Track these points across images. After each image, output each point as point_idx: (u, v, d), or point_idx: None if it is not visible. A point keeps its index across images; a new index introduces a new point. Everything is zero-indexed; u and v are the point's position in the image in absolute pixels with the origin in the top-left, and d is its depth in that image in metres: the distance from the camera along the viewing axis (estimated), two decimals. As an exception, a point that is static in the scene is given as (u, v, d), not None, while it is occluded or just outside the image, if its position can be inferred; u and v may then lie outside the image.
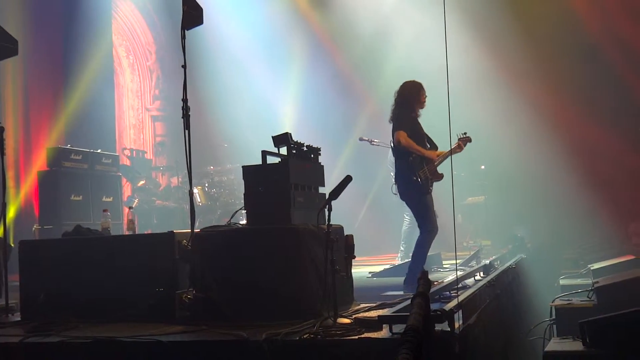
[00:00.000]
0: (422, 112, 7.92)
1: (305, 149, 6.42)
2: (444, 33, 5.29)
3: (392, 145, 8.00)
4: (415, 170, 7.51)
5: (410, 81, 7.88)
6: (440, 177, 7.72)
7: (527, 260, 10.32)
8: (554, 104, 14.47)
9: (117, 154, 12.54)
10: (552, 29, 14.60)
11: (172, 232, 6.15)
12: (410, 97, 7.76)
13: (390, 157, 10.93)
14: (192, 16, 6.29)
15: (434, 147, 7.87)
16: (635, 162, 14.26)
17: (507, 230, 12.45)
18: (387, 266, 9.81)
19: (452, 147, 7.74)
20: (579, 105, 14.39)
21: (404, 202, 9.52)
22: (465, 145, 7.96)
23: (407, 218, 10.57)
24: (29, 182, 11.82)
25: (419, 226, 7.71)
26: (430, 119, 7.90)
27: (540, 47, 14.67)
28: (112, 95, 14.81)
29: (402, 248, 10.65)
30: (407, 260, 9.09)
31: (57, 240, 7.40)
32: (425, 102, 7.83)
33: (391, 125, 7.81)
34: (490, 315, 6.13)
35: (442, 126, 5.56)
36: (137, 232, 8.37)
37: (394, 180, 10.69)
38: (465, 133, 8.00)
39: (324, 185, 6.68)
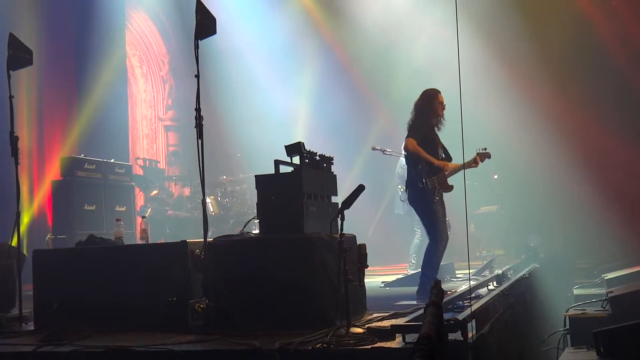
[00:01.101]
0: (444, 120, 7.87)
1: (317, 158, 6.42)
2: (457, 42, 5.29)
3: (404, 153, 8.00)
4: (423, 177, 7.51)
5: (428, 89, 7.89)
6: (449, 188, 7.69)
7: (541, 270, 10.27)
8: (567, 113, 14.44)
9: (130, 164, 12.57)
10: (565, 37, 14.58)
11: (185, 241, 6.15)
12: (424, 106, 7.77)
13: (397, 170, 10.97)
14: (206, 26, 6.31)
15: (448, 157, 7.84)
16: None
17: (521, 239, 12.40)
18: (400, 276, 9.78)
19: (468, 161, 7.73)
20: (591, 114, 14.36)
21: (412, 216, 9.60)
22: (483, 160, 7.94)
23: (418, 232, 10.57)
24: (43, 192, 11.87)
25: (427, 234, 7.71)
26: (447, 127, 7.88)
27: (552, 55, 14.65)
28: (126, 105, 14.87)
29: (412, 261, 10.63)
30: (419, 270, 9.08)
31: (70, 250, 7.42)
32: (441, 110, 7.75)
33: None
34: (504, 325, 6.10)
35: (466, 138, 5.54)
36: (150, 242, 8.38)
37: (400, 191, 10.81)
38: (485, 148, 7.98)
39: (336, 195, 6.67)
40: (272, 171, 6.05)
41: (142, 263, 6.29)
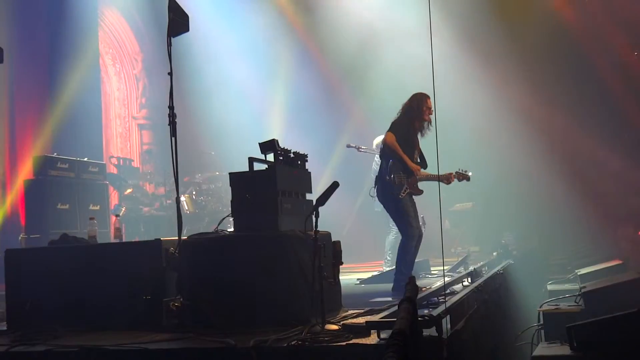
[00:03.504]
0: (430, 127, 7.82)
1: (292, 155, 6.41)
2: (430, 41, 5.32)
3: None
4: (392, 172, 7.50)
5: (417, 93, 7.82)
6: (418, 192, 7.67)
7: (515, 266, 10.34)
8: (542, 111, 14.54)
9: (104, 163, 12.48)
10: (541, 39, 14.68)
11: (159, 239, 6.12)
12: (412, 108, 7.72)
13: (373, 167, 10.95)
14: (178, 24, 6.28)
15: (423, 164, 7.83)
16: (622, 168, 14.34)
17: (496, 236, 12.48)
18: (375, 273, 9.80)
19: (442, 174, 7.72)
20: (566, 112, 14.48)
21: (387, 214, 9.59)
22: (460, 180, 7.95)
23: (393, 229, 10.56)
24: (15, 191, 11.75)
25: (398, 230, 7.71)
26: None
27: (529, 55, 14.74)
28: (99, 103, 14.75)
29: (388, 258, 10.64)
30: (394, 267, 9.10)
31: (43, 249, 7.34)
32: (427, 115, 7.68)
33: None
34: (478, 320, 6.14)
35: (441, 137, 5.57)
36: (124, 240, 8.33)
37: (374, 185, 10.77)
38: (466, 170, 7.98)
39: (311, 192, 6.67)
40: (247, 169, 6.03)
41: (116, 262, 6.24)
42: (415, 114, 7.71)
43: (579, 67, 14.66)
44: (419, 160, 7.79)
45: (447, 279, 7.53)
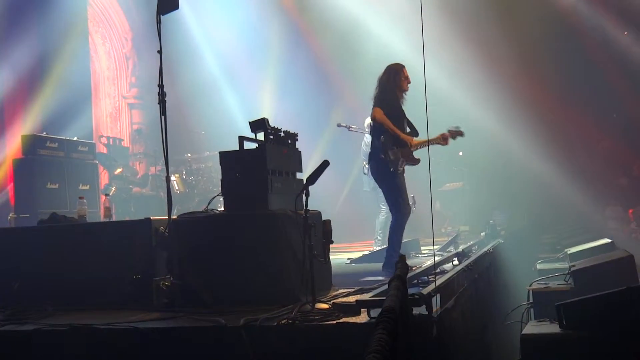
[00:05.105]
0: (407, 98, 7.84)
1: (282, 134, 6.40)
2: (421, 20, 5.29)
3: (370, 123, 7.96)
4: (386, 149, 7.47)
5: (392, 64, 7.84)
6: (416, 161, 7.66)
7: (505, 245, 10.36)
8: (532, 91, 14.54)
9: (93, 142, 12.44)
10: (529, 15, 14.65)
11: (148, 218, 6.11)
12: (389, 80, 7.71)
13: (362, 147, 10.94)
14: (168, 1, 6.23)
15: (414, 132, 7.80)
16: (611, 148, 14.40)
17: (486, 215, 12.50)
18: (366, 252, 9.81)
19: (435, 137, 7.72)
20: (556, 92, 14.49)
21: (378, 192, 9.58)
22: (455, 137, 7.93)
23: (383, 208, 10.56)
24: (4, 170, 11.69)
25: (390, 209, 7.68)
26: (412, 105, 7.87)
27: (519, 35, 14.72)
28: (89, 82, 14.67)
29: (378, 237, 10.65)
30: (385, 246, 9.11)
31: (32, 228, 7.34)
32: (406, 84, 7.72)
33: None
34: (468, 299, 6.16)
35: (431, 115, 5.57)
36: (114, 220, 8.31)
37: (364, 165, 10.76)
38: (458, 126, 7.96)
39: (301, 171, 6.66)
40: (237, 148, 6.01)
41: (106, 241, 6.24)
42: (394, 86, 7.69)
43: (570, 48, 14.66)
44: (408, 130, 7.76)
45: (437, 258, 7.55)
